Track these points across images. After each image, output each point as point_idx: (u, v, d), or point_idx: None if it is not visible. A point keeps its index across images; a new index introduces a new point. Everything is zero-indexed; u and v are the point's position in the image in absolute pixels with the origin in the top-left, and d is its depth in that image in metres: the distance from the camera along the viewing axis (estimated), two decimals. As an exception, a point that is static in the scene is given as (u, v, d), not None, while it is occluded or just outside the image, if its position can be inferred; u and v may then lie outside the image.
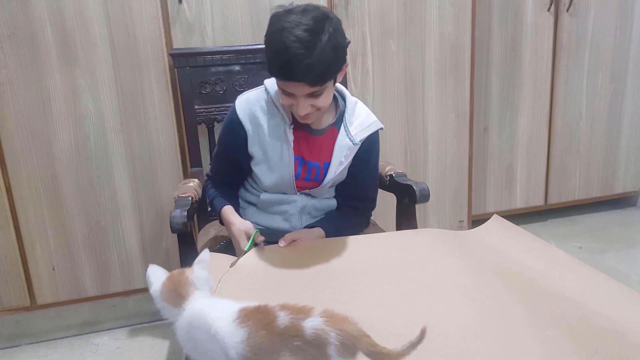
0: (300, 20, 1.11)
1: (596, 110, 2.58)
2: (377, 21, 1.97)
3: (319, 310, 0.76)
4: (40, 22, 1.65)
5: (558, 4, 2.37)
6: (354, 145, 1.32)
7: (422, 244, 1.25)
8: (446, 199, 2.25)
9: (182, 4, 1.75)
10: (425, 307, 0.98)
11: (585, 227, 2.65)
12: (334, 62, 1.16)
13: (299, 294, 1.03)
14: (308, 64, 1.10)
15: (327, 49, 1.12)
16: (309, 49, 1.10)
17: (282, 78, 1.16)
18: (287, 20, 1.12)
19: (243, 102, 1.33)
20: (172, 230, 1.28)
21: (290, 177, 1.32)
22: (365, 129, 1.34)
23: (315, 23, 1.11)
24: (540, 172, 2.57)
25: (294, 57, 1.10)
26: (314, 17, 1.12)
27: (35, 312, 1.87)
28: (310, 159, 1.33)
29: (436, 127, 2.15)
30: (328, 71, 1.15)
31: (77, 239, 1.83)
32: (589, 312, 0.94)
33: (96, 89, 1.74)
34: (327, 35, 1.12)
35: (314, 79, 1.14)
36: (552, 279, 1.06)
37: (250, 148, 1.33)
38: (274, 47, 1.13)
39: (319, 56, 1.10)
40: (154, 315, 1.99)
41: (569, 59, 2.46)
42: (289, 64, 1.11)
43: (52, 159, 1.75)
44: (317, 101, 1.20)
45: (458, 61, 2.11)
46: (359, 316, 0.93)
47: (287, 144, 1.30)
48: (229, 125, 1.35)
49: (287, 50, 1.10)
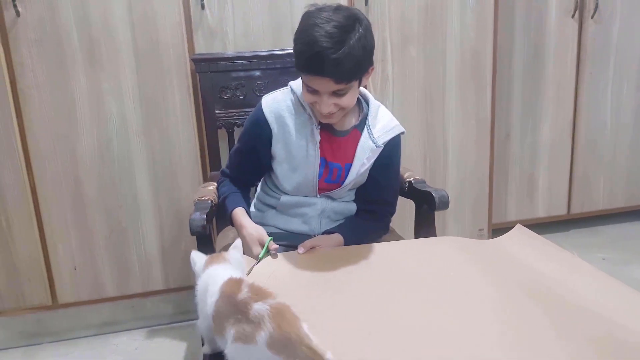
0: (332, 17, 1.13)
1: (621, 118, 2.53)
2: (398, 27, 1.97)
3: (275, 302, 0.84)
4: (67, 28, 1.69)
5: (583, 11, 2.34)
6: (377, 147, 1.32)
7: (442, 252, 1.24)
8: (466, 206, 2.22)
9: (204, 10, 1.77)
10: (445, 316, 0.96)
11: (609, 238, 2.59)
12: (362, 61, 1.17)
13: (317, 299, 1.03)
14: (336, 59, 1.11)
15: (356, 47, 1.13)
16: (339, 44, 1.11)
17: (309, 72, 1.17)
18: (319, 17, 1.14)
19: (270, 101, 1.34)
20: (192, 232, 1.30)
21: (314, 177, 1.32)
22: (388, 131, 1.35)
23: (346, 21, 1.13)
24: (563, 181, 2.52)
25: (323, 51, 1.11)
26: (345, 15, 1.14)
27: (57, 311, 1.90)
28: (333, 160, 1.34)
29: (456, 134, 2.13)
30: (355, 69, 1.16)
31: (98, 239, 1.86)
32: (614, 325, 0.92)
33: (120, 93, 1.77)
34: (357, 34, 1.14)
35: (341, 76, 1.15)
36: (576, 290, 1.04)
37: (273, 147, 1.33)
38: (303, 40, 1.15)
39: (347, 53, 1.12)
40: (172, 317, 2.01)
41: (593, 66, 2.42)
42: (317, 58, 1.12)
43: (76, 161, 1.78)
44: (341, 100, 1.21)
45: (479, 67, 2.09)
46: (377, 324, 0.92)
47: (314, 144, 1.30)
48: (254, 123, 1.35)
49: (316, 44, 1.11)
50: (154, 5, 1.73)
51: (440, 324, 0.94)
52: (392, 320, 0.95)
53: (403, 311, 0.98)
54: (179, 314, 2.01)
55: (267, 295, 0.85)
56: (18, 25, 1.65)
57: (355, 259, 1.21)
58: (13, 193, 1.75)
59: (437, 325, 0.93)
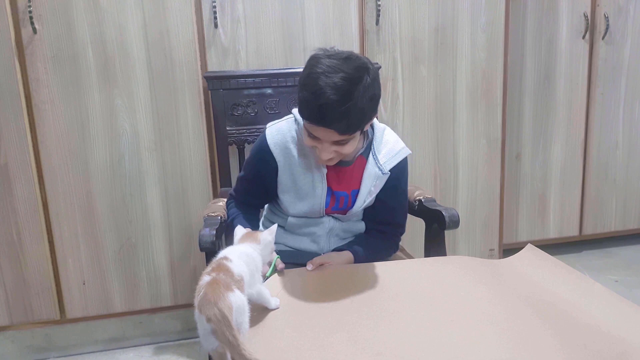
0: (341, 67, 1.10)
1: (633, 139, 2.52)
2: (408, 46, 1.98)
3: (217, 275, 0.91)
4: (83, 45, 1.72)
5: (593, 32, 2.34)
6: (383, 174, 1.30)
7: (451, 272, 1.23)
8: (477, 226, 2.21)
9: (217, 28, 1.80)
10: (455, 336, 0.95)
11: (622, 260, 2.55)
12: (368, 113, 1.14)
13: (325, 318, 1.02)
14: (341, 112, 1.09)
15: (363, 99, 1.10)
16: (345, 97, 1.08)
17: (312, 122, 1.14)
18: (327, 65, 1.10)
19: (274, 132, 1.31)
20: (201, 248, 1.30)
21: (321, 207, 1.32)
22: (394, 156, 1.33)
23: (355, 72, 1.10)
24: (575, 202, 2.50)
25: (329, 103, 1.08)
26: (354, 66, 1.11)
27: (65, 326, 1.90)
28: (338, 189, 1.32)
29: (467, 153, 2.13)
30: (360, 122, 1.14)
31: (107, 254, 1.86)
32: (628, 347, 0.90)
33: (133, 109, 1.79)
34: (365, 85, 1.10)
35: (345, 129, 1.13)
36: (587, 312, 1.03)
37: (280, 177, 1.32)
38: (309, 89, 1.11)
39: (353, 106, 1.09)
40: (180, 334, 2.00)
41: (605, 87, 2.41)
42: (322, 109, 1.09)
43: (88, 176, 1.80)
44: (342, 149, 1.19)
45: (490, 87, 2.09)
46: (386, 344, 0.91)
47: (320, 175, 1.29)
48: (259, 154, 1.33)
49: (323, 95, 1.08)
50: (168, 24, 1.76)
51: (449, 344, 0.92)
52: (401, 339, 0.94)
53: (412, 331, 0.97)
54: (187, 331, 2.00)
55: (223, 271, 0.93)
56: (35, 42, 1.68)
57: (365, 278, 1.20)
58: (25, 207, 1.76)
59: (446, 346, 0.92)
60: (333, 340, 0.94)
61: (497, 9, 2.03)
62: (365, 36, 1.93)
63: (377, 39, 1.94)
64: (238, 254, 1.01)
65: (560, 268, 1.22)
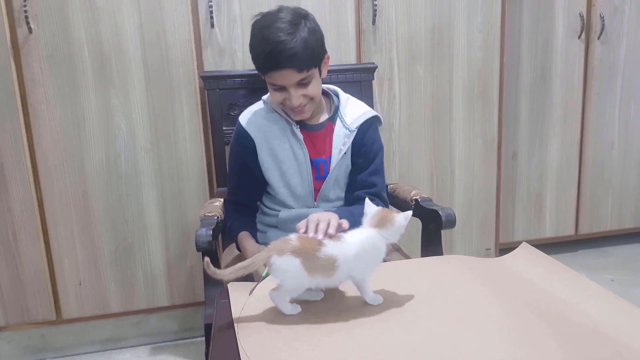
0: (279, 16, 1.23)
1: (629, 139, 2.53)
2: (405, 46, 1.98)
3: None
4: (79, 45, 1.71)
5: (589, 32, 2.35)
6: (350, 132, 1.37)
7: (448, 272, 1.23)
8: (473, 226, 2.21)
9: (214, 28, 1.80)
10: (452, 335, 0.95)
11: (618, 259, 2.56)
12: (316, 48, 1.26)
13: (321, 318, 1.02)
14: (291, 49, 1.20)
15: (308, 35, 1.23)
16: (291, 35, 1.21)
17: (270, 68, 1.24)
18: (266, 19, 1.25)
19: (246, 114, 1.42)
20: (197, 248, 1.29)
21: (309, 176, 1.37)
22: (360, 116, 1.40)
23: (293, 16, 1.24)
24: (571, 201, 2.51)
25: (278, 44, 1.20)
26: (290, 12, 1.25)
27: (61, 327, 1.89)
28: (316, 156, 1.38)
29: (463, 153, 2.13)
30: (312, 56, 1.24)
31: (104, 255, 1.86)
32: (622, 347, 0.90)
33: (129, 109, 1.78)
34: (306, 25, 1.24)
35: (300, 63, 1.22)
36: (583, 311, 1.03)
37: (259, 156, 1.37)
38: (258, 42, 1.24)
39: (301, 41, 1.21)
40: (176, 334, 2.00)
41: (600, 87, 2.42)
42: (274, 52, 1.20)
43: (84, 176, 1.79)
44: (307, 90, 1.28)
45: (486, 87, 2.10)
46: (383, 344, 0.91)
47: (299, 143, 1.36)
48: (236, 139, 1.41)
49: (270, 39, 1.21)
50: (165, 24, 1.75)
51: (447, 343, 0.93)
52: (398, 339, 0.94)
53: (409, 330, 0.97)
54: (184, 331, 2.00)
55: (311, 244, 0.95)
56: (30, 41, 1.67)
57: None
58: (20, 207, 1.76)
59: (443, 345, 0.92)
60: (330, 340, 0.94)
61: (493, 9, 2.04)
62: (362, 36, 1.93)
63: (373, 38, 1.94)
64: (358, 241, 0.98)
65: (555, 266, 1.22)
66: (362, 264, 0.98)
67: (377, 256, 1.00)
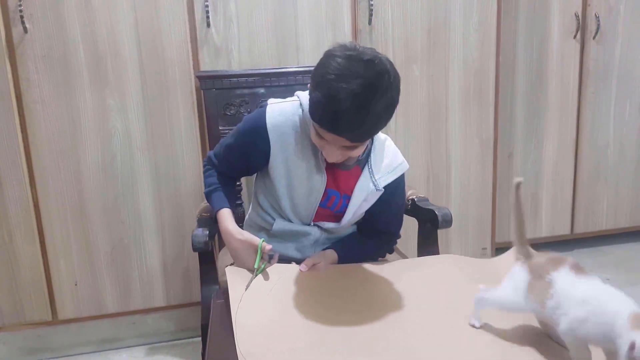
0: (360, 72, 1.01)
1: (624, 138, 2.54)
2: (401, 46, 1.98)
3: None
4: (74, 44, 1.71)
5: (584, 32, 2.36)
6: (377, 190, 1.25)
7: (444, 271, 1.23)
8: (469, 225, 2.21)
9: (210, 28, 1.79)
10: (448, 334, 0.96)
11: (613, 258, 2.57)
12: (383, 122, 1.08)
13: (318, 318, 1.02)
14: (356, 122, 1.03)
15: (380, 109, 1.03)
16: (362, 107, 1.01)
17: (323, 127, 1.07)
18: (345, 67, 1.02)
19: (276, 112, 1.23)
20: (194, 248, 1.29)
21: (317, 201, 1.26)
22: (391, 173, 1.28)
23: (375, 78, 1.02)
24: (567, 201, 2.52)
25: (344, 112, 1.01)
26: (377, 71, 1.03)
27: (57, 327, 1.89)
28: (332, 187, 1.27)
29: (460, 153, 2.13)
30: (374, 131, 1.10)
31: (100, 255, 1.85)
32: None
33: (125, 108, 1.78)
34: (384, 93, 1.03)
35: (357, 138, 1.08)
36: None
37: (271, 162, 1.24)
38: (323, 92, 1.03)
39: (369, 116, 1.02)
40: (173, 334, 1.99)
41: (596, 86, 2.43)
42: (336, 116, 1.02)
43: (80, 176, 1.79)
44: (351, 152, 1.14)
45: (482, 87, 2.10)
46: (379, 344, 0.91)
47: (319, 171, 1.23)
48: (253, 130, 1.24)
49: (337, 101, 1.00)
50: (161, 23, 1.75)
51: (443, 342, 0.93)
52: (395, 339, 0.94)
53: (406, 330, 0.98)
54: (180, 331, 1.99)
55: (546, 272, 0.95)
56: (25, 41, 1.67)
57: (358, 278, 1.20)
58: (16, 208, 1.75)
59: (440, 344, 0.92)
60: (328, 340, 0.94)
61: (489, 9, 2.04)
62: (358, 36, 1.93)
63: (369, 38, 1.94)
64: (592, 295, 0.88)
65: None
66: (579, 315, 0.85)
67: (596, 326, 0.84)
